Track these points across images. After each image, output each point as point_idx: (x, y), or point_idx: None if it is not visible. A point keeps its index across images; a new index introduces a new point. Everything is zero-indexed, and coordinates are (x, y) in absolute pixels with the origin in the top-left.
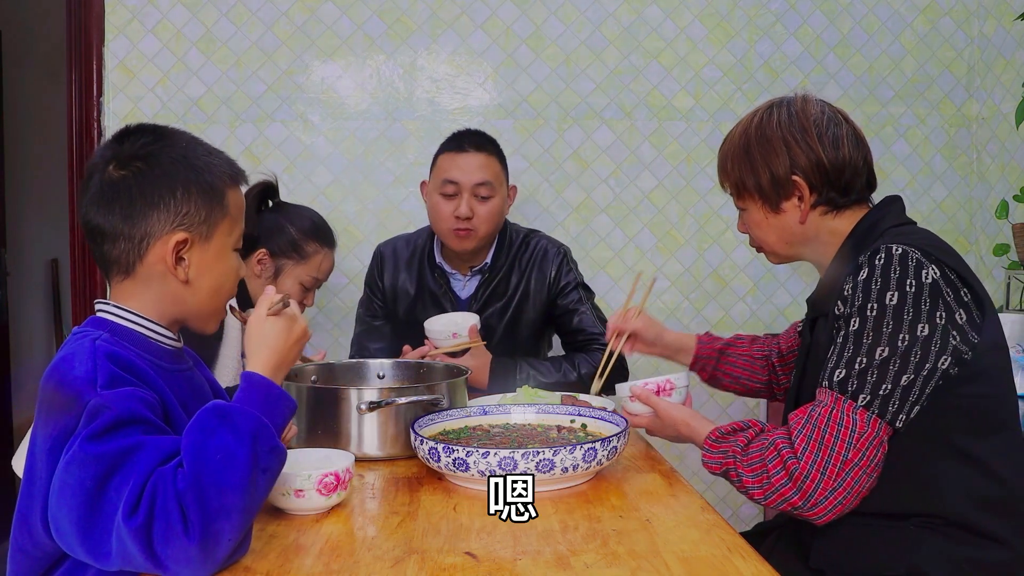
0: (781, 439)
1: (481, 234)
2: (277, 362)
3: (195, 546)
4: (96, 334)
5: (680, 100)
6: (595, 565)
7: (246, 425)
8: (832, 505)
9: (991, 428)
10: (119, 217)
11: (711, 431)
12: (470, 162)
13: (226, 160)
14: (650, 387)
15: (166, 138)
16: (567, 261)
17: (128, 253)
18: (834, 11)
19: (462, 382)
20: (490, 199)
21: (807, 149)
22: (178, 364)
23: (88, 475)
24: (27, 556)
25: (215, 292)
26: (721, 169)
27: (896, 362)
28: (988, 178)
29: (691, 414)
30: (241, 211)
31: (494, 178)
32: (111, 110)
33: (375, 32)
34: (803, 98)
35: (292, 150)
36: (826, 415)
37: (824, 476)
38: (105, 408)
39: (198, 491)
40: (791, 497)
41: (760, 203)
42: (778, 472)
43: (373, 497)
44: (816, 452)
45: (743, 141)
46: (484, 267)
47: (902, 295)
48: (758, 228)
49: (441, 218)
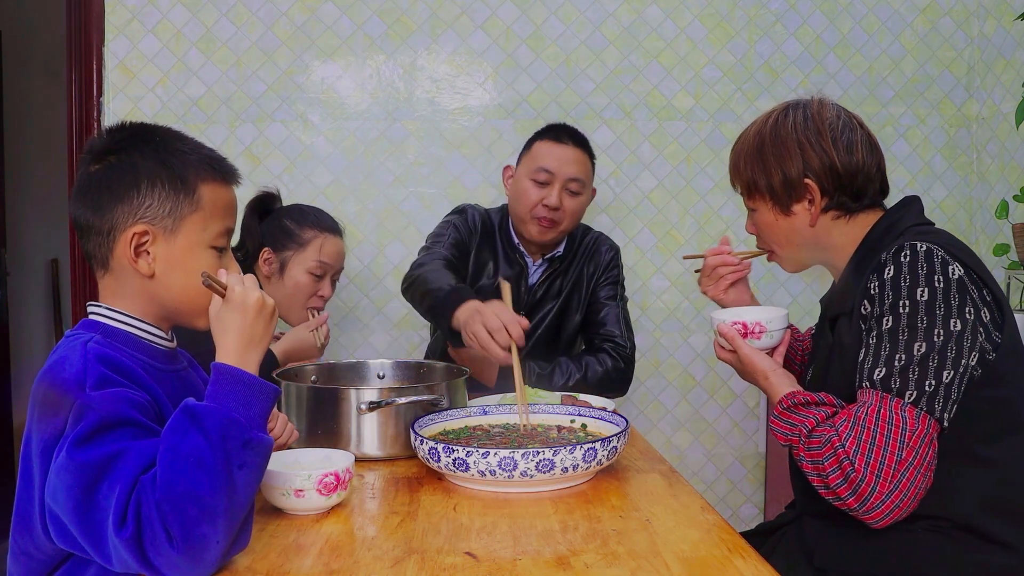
0: (836, 438)
1: (563, 227)
2: (243, 345)
3: (181, 555)
4: (88, 336)
5: (680, 100)
6: (595, 565)
7: (213, 424)
8: (889, 508)
9: (1005, 431)
10: (91, 210)
11: (786, 395)
12: (568, 154)
13: (206, 155)
14: (737, 327)
15: (144, 133)
16: (617, 257)
17: (100, 247)
18: (834, 11)
19: (462, 382)
20: (579, 195)
21: (821, 152)
22: (171, 364)
23: (76, 483)
24: (30, 557)
25: (188, 289)
26: (733, 168)
27: (935, 358)
28: (988, 178)
29: (772, 366)
30: (221, 208)
31: (585, 175)
32: (111, 110)
33: (375, 32)
34: (819, 101)
35: (292, 150)
36: (874, 415)
37: (879, 478)
38: (90, 409)
39: (173, 500)
40: (847, 499)
41: (770, 204)
42: (833, 471)
43: (373, 497)
44: (868, 454)
45: (757, 141)
46: (556, 255)
47: (932, 291)
48: (767, 229)
49: (528, 203)
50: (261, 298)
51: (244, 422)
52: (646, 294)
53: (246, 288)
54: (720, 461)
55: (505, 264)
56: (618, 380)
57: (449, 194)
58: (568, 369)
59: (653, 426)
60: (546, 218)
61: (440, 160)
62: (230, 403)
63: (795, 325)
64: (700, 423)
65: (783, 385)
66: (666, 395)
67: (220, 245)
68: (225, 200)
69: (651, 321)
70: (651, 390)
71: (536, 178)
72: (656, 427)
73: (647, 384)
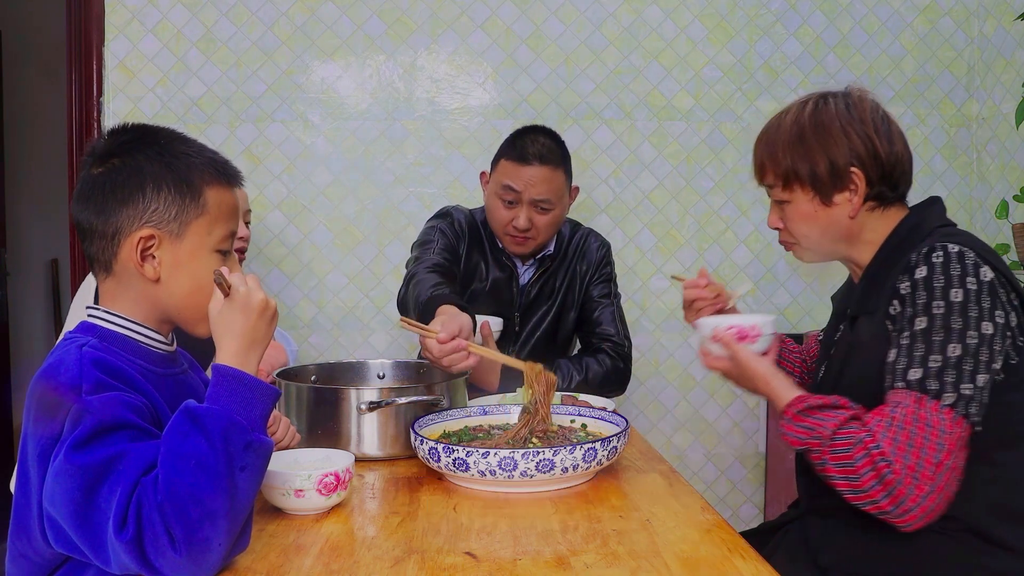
0: (869, 438)
1: (540, 240)
2: (244, 346)
3: (183, 558)
4: (84, 340)
5: (680, 100)
6: (595, 565)
7: (215, 426)
8: (924, 511)
9: (1019, 437)
10: (94, 213)
11: (795, 399)
12: (533, 175)
13: (210, 158)
14: (734, 331)
15: (147, 135)
16: (608, 254)
17: (104, 250)
18: (834, 11)
19: (462, 382)
20: (550, 211)
21: (866, 140)
22: (170, 368)
23: (75, 486)
24: (28, 561)
25: (193, 293)
26: (769, 158)
27: (969, 361)
28: (988, 178)
29: (773, 371)
30: (226, 211)
31: (554, 193)
32: (111, 110)
33: (375, 32)
34: (859, 90)
35: (292, 150)
36: (911, 416)
37: (917, 481)
38: (87, 413)
39: (176, 502)
40: (880, 501)
41: (811, 195)
42: (867, 472)
43: (373, 497)
44: (906, 455)
45: (796, 130)
46: (547, 254)
47: (965, 292)
48: (803, 221)
49: (499, 221)
50: (264, 299)
51: (246, 424)
52: (646, 294)
53: (249, 288)
54: (720, 461)
55: (495, 266)
56: (618, 380)
57: (449, 194)
58: (569, 371)
59: (653, 426)
60: (519, 235)
61: (440, 160)
62: (231, 405)
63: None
64: (700, 423)
65: (787, 389)
66: (666, 395)
67: (224, 248)
68: (230, 203)
69: (651, 321)
70: (651, 390)
71: (504, 197)
72: (656, 427)
73: (647, 384)
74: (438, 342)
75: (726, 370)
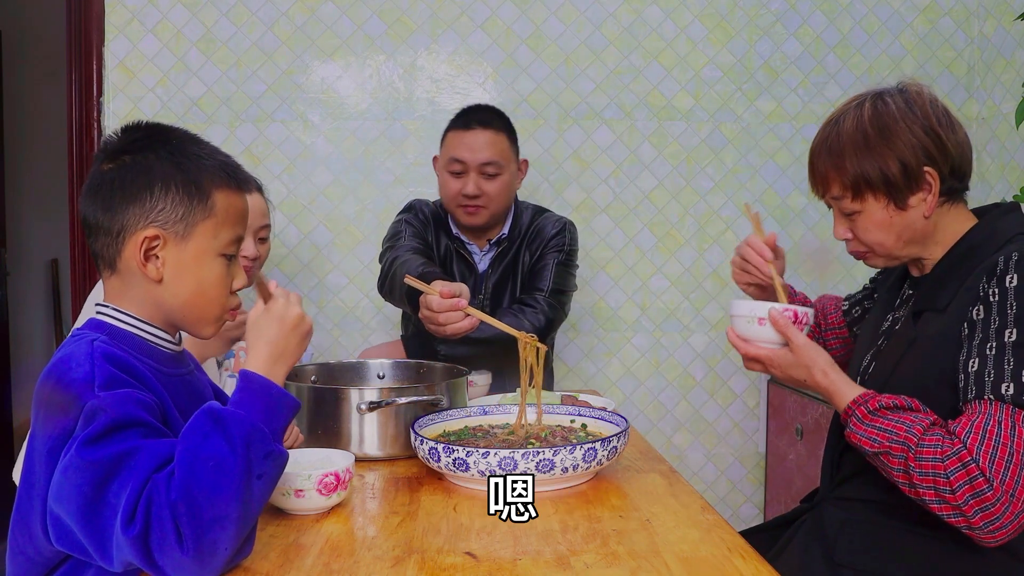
0: (966, 452)
1: (492, 210)
2: (274, 355)
3: (190, 558)
4: (94, 336)
5: (680, 100)
6: (595, 565)
7: (239, 431)
8: (1015, 528)
9: None
10: (101, 210)
11: (861, 397)
12: (477, 140)
13: (222, 161)
14: (788, 315)
15: (159, 134)
16: (567, 230)
17: (108, 247)
18: (834, 11)
19: (462, 382)
20: (498, 176)
21: (934, 136)
22: (177, 368)
23: (86, 480)
24: (28, 558)
25: (195, 296)
26: (834, 168)
27: None
28: (988, 178)
29: (830, 362)
30: (234, 216)
31: (501, 156)
32: (111, 110)
33: (375, 32)
34: (917, 84)
35: (292, 150)
36: (1008, 431)
37: (1014, 498)
38: (101, 411)
39: (189, 502)
40: (972, 517)
41: (884, 201)
42: (962, 486)
43: (373, 497)
44: (1005, 471)
45: (859, 135)
46: (502, 238)
47: None
48: (879, 230)
49: (449, 194)
50: (300, 314)
51: (268, 433)
52: (646, 294)
53: (289, 301)
54: (720, 461)
55: (456, 256)
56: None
57: None
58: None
59: (653, 426)
60: (470, 204)
61: None
62: (256, 412)
63: None
64: (700, 423)
65: (849, 383)
66: (666, 395)
67: (230, 253)
68: (238, 208)
69: (651, 321)
70: (651, 390)
71: (451, 169)
72: (656, 427)
73: (647, 384)
74: (440, 295)
75: (771, 358)
